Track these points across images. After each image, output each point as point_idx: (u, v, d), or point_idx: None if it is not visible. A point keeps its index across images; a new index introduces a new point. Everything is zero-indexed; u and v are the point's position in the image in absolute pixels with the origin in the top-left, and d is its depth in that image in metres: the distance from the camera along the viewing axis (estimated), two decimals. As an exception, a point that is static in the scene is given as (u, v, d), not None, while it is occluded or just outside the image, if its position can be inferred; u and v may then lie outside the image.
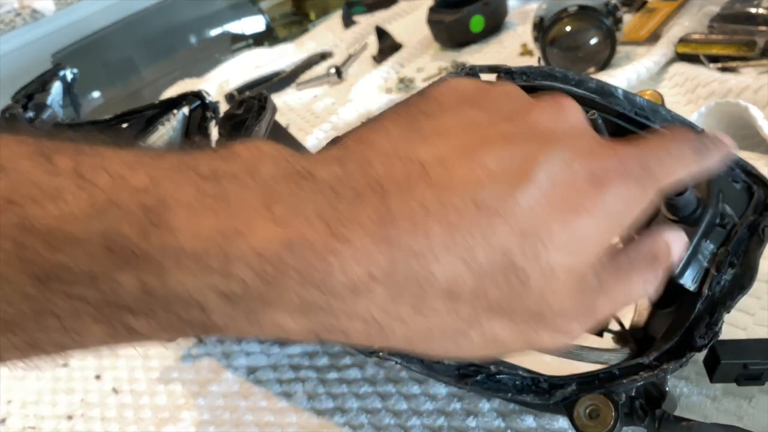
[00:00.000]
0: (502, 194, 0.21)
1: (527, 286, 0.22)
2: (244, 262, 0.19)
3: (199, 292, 0.19)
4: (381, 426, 0.41)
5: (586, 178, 0.22)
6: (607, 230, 0.23)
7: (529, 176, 0.21)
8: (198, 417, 0.48)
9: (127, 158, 0.20)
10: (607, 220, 0.23)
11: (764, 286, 0.39)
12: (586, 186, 0.22)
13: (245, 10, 1.49)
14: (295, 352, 0.50)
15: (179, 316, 0.20)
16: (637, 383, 0.29)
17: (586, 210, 0.22)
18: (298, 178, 0.21)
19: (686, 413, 0.31)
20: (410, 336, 0.22)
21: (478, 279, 0.21)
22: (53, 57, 1.36)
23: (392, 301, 0.21)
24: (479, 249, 0.21)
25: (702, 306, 0.29)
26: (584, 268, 0.23)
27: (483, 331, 0.22)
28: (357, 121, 0.78)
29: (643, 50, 0.70)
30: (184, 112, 0.55)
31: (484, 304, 0.21)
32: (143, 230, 0.18)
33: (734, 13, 0.65)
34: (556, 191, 0.22)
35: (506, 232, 0.21)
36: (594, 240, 0.23)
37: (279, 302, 0.20)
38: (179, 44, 1.47)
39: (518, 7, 0.95)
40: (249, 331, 0.21)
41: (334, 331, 0.21)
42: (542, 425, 0.37)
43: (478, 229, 0.21)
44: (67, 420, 0.52)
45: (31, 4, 1.47)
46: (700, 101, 0.57)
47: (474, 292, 0.21)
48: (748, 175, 0.33)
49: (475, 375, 0.32)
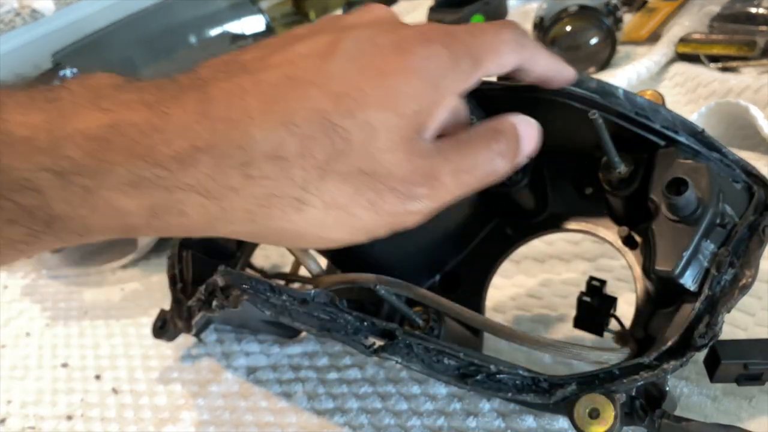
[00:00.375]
0: (313, 67, 0.24)
1: (350, 143, 0.23)
2: (72, 142, 0.21)
3: (31, 173, 0.21)
4: (381, 426, 0.41)
5: (390, 47, 0.25)
6: (422, 90, 0.25)
7: (338, 49, 0.24)
8: (198, 417, 0.48)
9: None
10: (417, 79, 0.25)
11: (764, 287, 0.39)
12: (391, 52, 0.25)
13: (245, 10, 1.49)
14: (295, 353, 0.50)
15: (18, 204, 0.21)
16: (637, 383, 0.29)
17: (393, 70, 0.24)
18: (126, 84, 0.23)
19: (686, 413, 0.31)
20: (251, 211, 0.23)
21: (300, 140, 0.23)
22: (53, 57, 1.36)
23: (218, 168, 0.22)
24: (297, 114, 0.23)
25: (702, 306, 0.29)
26: (408, 127, 0.25)
27: (321, 194, 0.24)
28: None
29: (644, 50, 0.70)
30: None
31: (313, 163, 0.23)
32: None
33: (734, 13, 0.64)
34: (364, 59, 0.24)
35: (320, 96, 0.23)
36: (408, 97, 0.24)
37: (110, 178, 0.22)
38: (179, 44, 1.47)
39: (518, 7, 0.95)
40: (89, 218, 0.22)
41: (171, 210, 0.23)
42: (542, 425, 0.37)
43: (294, 96, 0.23)
44: (67, 420, 0.52)
45: (30, 4, 1.47)
46: (700, 101, 0.57)
47: (300, 153, 0.23)
48: (749, 176, 0.33)
49: (475, 374, 0.32)
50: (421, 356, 0.32)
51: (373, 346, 0.32)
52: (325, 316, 0.33)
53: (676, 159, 0.32)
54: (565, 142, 0.38)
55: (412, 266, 0.40)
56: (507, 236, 0.43)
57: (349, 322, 0.33)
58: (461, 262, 0.44)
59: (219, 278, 0.32)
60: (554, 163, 0.41)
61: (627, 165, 0.35)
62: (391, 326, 0.33)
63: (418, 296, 0.35)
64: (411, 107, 0.25)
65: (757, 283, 0.30)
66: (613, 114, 0.34)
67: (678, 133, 0.33)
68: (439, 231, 0.42)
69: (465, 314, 0.34)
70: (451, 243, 0.43)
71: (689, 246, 0.30)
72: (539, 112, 0.37)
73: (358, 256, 0.39)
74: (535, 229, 0.42)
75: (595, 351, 0.32)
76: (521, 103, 0.36)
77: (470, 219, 0.43)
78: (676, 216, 0.30)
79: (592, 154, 0.37)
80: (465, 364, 0.32)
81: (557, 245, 0.50)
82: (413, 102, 0.25)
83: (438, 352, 0.32)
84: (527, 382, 0.31)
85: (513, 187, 0.40)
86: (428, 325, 0.38)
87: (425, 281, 0.43)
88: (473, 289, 0.42)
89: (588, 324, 0.38)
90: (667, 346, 0.29)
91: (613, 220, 0.39)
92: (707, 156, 0.33)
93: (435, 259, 0.43)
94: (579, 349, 0.32)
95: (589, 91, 0.34)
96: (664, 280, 0.31)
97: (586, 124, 0.34)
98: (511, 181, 0.39)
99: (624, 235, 0.37)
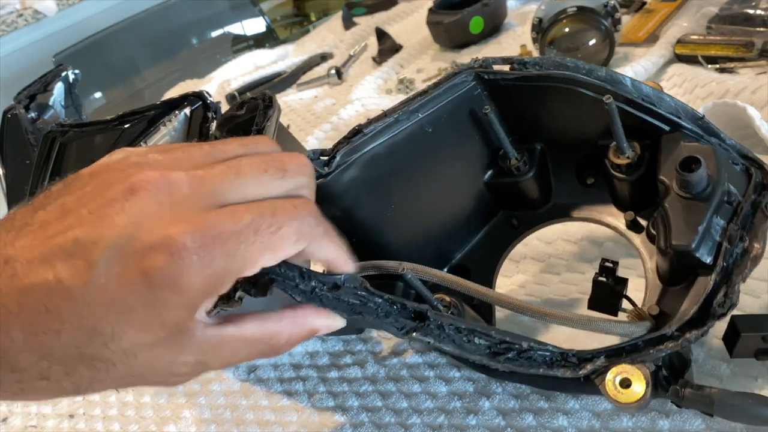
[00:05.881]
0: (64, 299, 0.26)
1: (113, 364, 0.27)
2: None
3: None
4: (381, 424, 0.42)
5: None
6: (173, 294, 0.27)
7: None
8: (199, 416, 0.48)
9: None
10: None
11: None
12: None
13: (246, 12, 1.49)
14: (296, 351, 0.50)
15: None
16: (662, 353, 0.30)
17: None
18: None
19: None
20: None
21: (63, 368, 0.26)
22: (55, 58, 1.37)
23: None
24: (55, 349, 0.25)
25: (718, 277, 0.31)
26: (170, 328, 0.27)
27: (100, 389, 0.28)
28: (357, 121, 0.78)
29: (642, 51, 0.70)
30: (186, 113, 0.55)
31: (79, 379, 0.26)
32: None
33: (732, 14, 0.65)
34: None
35: (72, 330, 0.25)
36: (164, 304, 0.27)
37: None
38: (180, 45, 1.48)
39: (517, 8, 0.95)
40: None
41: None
42: (542, 423, 0.38)
43: (51, 330, 0.25)
44: (69, 419, 0.52)
45: (33, 5, 1.47)
46: (698, 102, 0.57)
47: (65, 373, 0.26)
48: (745, 158, 0.34)
49: (506, 352, 0.32)
50: (453, 336, 0.33)
51: (405, 328, 0.33)
52: (356, 300, 0.33)
53: (682, 142, 0.34)
54: (571, 130, 0.40)
55: (422, 258, 0.41)
56: (513, 227, 0.44)
57: (380, 305, 0.33)
58: (469, 253, 0.44)
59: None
60: (558, 155, 0.42)
61: (634, 150, 0.37)
62: (423, 307, 0.33)
63: (443, 280, 0.35)
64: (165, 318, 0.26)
65: (759, 266, 0.31)
66: (621, 100, 0.35)
67: (681, 118, 0.35)
68: (447, 223, 0.43)
69: (490, 294, 0.35)
70: (458, 235, 0.44)
71: (703, 221, 0.31)
72: (549, 101, 0.38)
73: (372, 248, 0.39)
74: (541, 220, 0.43)
75: (621, 323, 0.33)
76: (532, 91, 0.38)
77: (477, 210, 0.44)
78: (688, 193, 0.32)
79: (596, 143, 0.38)
80: (496, 342, 0.32)
81: (557, 244, 0.51)
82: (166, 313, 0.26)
83: (469, 332, 0.33)
84: (557, 358, 0.32)
85: (520, 178, 0.41)
86: (449, 311, 0.38)
87: None
88: (482, 280, 0.43)
89: (602, 304, 0.38)
90: (689, 317, 0.30)
91: (617, 207, 0.40)
92: (708, 140, 0.35)
93: (443, 251, 0.44)
94: (605, 322, 0.33)
95: (599, 79, 0.36)
96: (680, 255, 0.32)
97: (593, 112, 0.36)
98: (518, 173, 0.40)
99: (630, 220, 0.39)
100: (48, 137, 0.62)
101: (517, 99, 0.39)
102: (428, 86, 0.39)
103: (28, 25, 1.50)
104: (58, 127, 0.62)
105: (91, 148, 0.60)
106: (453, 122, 0.39)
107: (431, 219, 0.42)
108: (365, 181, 0.37)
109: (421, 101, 0.38)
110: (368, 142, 0.37)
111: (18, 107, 0.75)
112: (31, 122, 0.74)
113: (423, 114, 0.38)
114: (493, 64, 0.39)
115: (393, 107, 0.38)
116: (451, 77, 0.38)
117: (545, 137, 0.41)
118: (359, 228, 0.39)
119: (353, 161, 0.36)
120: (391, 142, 0.37)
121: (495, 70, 0.39)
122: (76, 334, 0.25)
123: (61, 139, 0.62)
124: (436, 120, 0.39)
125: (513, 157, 0.41)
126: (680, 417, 0.34)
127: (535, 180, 0.41)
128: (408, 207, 0.41)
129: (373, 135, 0.37)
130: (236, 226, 0.25)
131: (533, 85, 0.37)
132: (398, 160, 0.38)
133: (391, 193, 0.39)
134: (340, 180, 0.36)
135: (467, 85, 0.39)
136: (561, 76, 0.36)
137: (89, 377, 0.26)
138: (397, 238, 0.41)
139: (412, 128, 0.38)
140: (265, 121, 0.41)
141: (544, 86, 0.37)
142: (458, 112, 0.39)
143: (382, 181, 0.38)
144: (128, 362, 0.26)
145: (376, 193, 0.39)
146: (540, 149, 0.42)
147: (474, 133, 0.41)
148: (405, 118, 0.37)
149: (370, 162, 0.37)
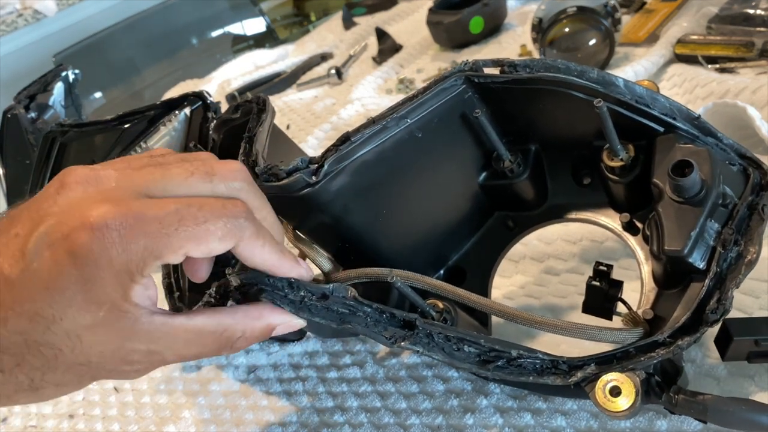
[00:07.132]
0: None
1: (61, 351, 0.28)
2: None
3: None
4: (380, 425, 0.42)
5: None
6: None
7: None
8: (199, 416, 0.48)
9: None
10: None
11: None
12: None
13: (246, 12, 1.49)
14: (296, 351, 0.50)
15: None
16: (654, 360, 0.30)
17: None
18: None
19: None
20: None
21: (13, 358, 0.27)
22: (55, 58, 1.37)
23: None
24: (2, 338, 0.27)
25: (711, 282, 0.30)
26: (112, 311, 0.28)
27: (50, 382, 0.29)
28: (357, 121, 0.78)
29: (642, 51, 0.70)
30: (186, 113, 0.55)
31: (30, 368, 0.28)
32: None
33: (732, 14, 0.65)
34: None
35: (15, 317, 0.27)
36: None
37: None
38: (180, 45, 1.48)
39: (517, 8, 0.95)
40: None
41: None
42: (540, 423, 0.38)
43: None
44: (69, 419, 0.52)
45: (32, 5, 1.47)
46: (698, 102, 0.57)
47: (16, 364, 0.27)
48: (743, 158, 0.34)
49: (496, 360, 0.32)
50: (442, 345, 0.33)
51: (394, 337, 0.33)
52: (345, 309, 0.33)
53: (677, 144, 0.33)
54: (565, 132, 0.39)
55: (417, 261, 0.41)
56: (509, 228, 0.44)
57: (369, 314, 0.33)
58: (465, 256, 0.44)
59: (233, 279, 0.32)
60: (553, 155, 0.41)
61: (628, 152, 0.36)
62: (411, 316, 0.33)
63: (432, 287, 0.35)
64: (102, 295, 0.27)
65: (759, 265, 0.31)
66: (614, 102, 0.35)
67: (676, 119, 0.34)
68: (442, 226, 0.43)
69: (481, 302, 0.34)
70: (453, 237, 0.44)
71: (696, 225, 0.31)
72: (541, 104, 0.37)
73: (365, 253, 0.39)
74: (537, 221, 0.43)
75: (612, 330, 0.33)
76: (524, 94, 0.37)
77: (472, 213, 0.43)
78: (681, 197, 0.32)
79: (591, 144, 0.38)
80: (485, 350, 0.32)
81: (556, 244, 0.51)
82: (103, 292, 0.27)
83: (458, 340, 0.33)
84: (547, 365, 0.32)
85: (514, 179, 0.40)
86: (441, 317, 0.38)
87: (430, 276, 0.43)
88: (479, 281, 0.43)
89: (597, 308, 0.38)
90: (681, 323, 0.30)
91: (613, 208, 0.40)
92: (704, 141, 0.34)
93: (439, 254, 0.44)
94: (596, 330, 0.32)
95: (591, 81, 0.35)
96: (673, 260, 0.31)
97: (586, 114, 0.35)
98: (512, 174, 0.40)
99: (625, 221, 0.38)
100: (48, 137, 0.63)
101: (509, 102, 0.38)
102: (417, 90, 0.37)
103: (28, 25, 1.50)
104: (58, 127, 0.63)
105: (91, 148, 0.60)
106: (444, 126, 0.39)
107: (425, 222, 0.42)
108: (355, 189, 0.36)
109: (410, 107, 0.36)
110: (357, 149, 0.35)
111: (18, 107, 0.75)
112: (31, 122, 0.74)
113: (412, 119, 0.37)
114: (483, 67, 0.38)
115: (381, 113, 0.37)
116: (440, 81, 0.37)
117: (539, 138, 0.41)
118: (351, 234, 0.38)
119: (342, 169, 0.35)
120: (381, 149, 0.36)
121: (485, 73, 0.38)
122: (19, 320, 0.26)
123: (61, 139, 0.62)
124: (427, 125, 0.37)
125: (507, 159, 0.40)
126: (678, 417, 0.34)
127: (529, 181, 0.41)
128: (401, 212, 0.40)
129: (361, 142, 0.35)
130: (159, 211, 0.27)
131: (525, 87, 0.37)
132: (388, 166, 0.37)
133: (382, 199, 0.39)
134: (329, 188, 0.35)
135: (457, 89, 0.38)
136: (552, 78, 0.35)
137: (39, 366, 0.27)
138: (391, 243, 0.40)
139: (401, 134, 0.37)
140: (257, 126, 0.40)
141: (535, 89, 0.36)
142: (449, 116, 0.38)
143: (372, 187, 0.38)
144: (74, 346, 0.27)
145: (366, 199, 0.38)
146: (535, 150, 0.41)
147: (466, 136, 0.40)
148: (393, 125, 0.36)
149: (359, 169, 0.36)
